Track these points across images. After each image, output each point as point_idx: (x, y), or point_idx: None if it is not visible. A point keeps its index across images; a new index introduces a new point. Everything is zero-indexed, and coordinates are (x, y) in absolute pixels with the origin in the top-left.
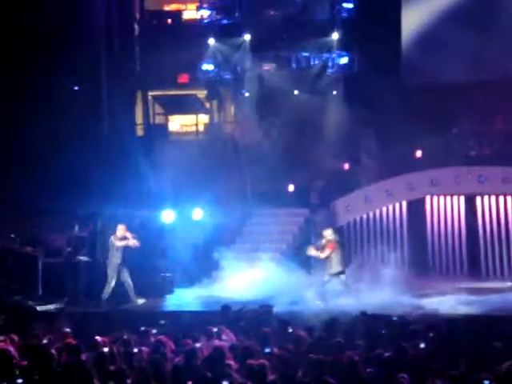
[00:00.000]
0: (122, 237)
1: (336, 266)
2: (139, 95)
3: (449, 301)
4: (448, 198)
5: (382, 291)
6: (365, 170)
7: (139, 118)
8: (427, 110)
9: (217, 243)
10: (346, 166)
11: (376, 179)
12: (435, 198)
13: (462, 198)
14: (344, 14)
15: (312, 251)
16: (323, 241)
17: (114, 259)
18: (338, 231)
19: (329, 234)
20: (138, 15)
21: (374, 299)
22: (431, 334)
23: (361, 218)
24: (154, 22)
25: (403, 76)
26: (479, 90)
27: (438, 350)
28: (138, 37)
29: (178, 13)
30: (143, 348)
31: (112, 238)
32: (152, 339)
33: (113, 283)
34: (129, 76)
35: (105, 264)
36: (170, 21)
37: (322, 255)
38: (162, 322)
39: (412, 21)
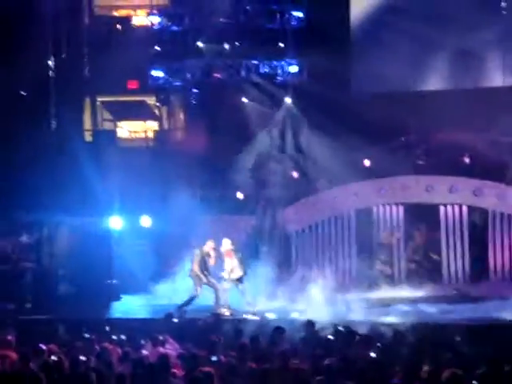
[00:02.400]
0: (206, 253)
1: (236, 272)
2: (87, 101)
3: (395, 310)
4: (394, 207)
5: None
6: (313, 178)
7: (87, 123)
8: (375, 119)
9: (165, 250)
10: (295, 174)
11: (324, 188)
12: (381, 208)
13: (410, 208)
14: (293, 23)
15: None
16: (221, 250)
17: (200, 277)
18: (286, 239)
19: (227, 243)
20: (86, 20)
21: (319, 310)
22: (378, 344)
23: (309, 227)
24: (103, 27)
25: (352, 84)
26: (427, 99)
27: (385, 359)
28: (86, 42)
29: (128, 18)
30: (91, 356)
31: (195, 251)
32: (97, 347)
33: (220, 292)
34: (77, 81)
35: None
36: (119, 26)
37: (228, 266)
38: (108, 328)
39: (361, 30)
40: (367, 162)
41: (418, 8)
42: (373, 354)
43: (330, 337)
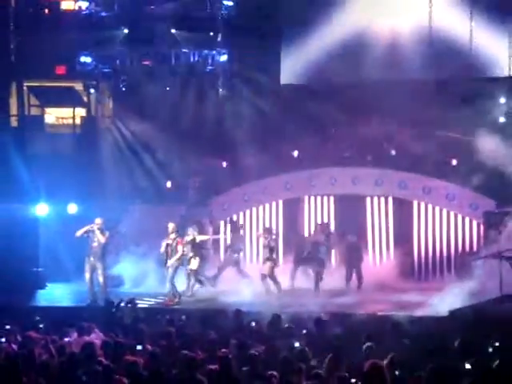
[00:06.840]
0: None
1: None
2: (14, 85)
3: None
4: (324, 197)
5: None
6: (243, 168)
7: (14, 109)
8: (305, 111)
9: None
10: (224, 164)
11: (254, 178)
12: (312, 198)
13: (337, 199)
14: (224, 12)
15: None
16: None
17: None
18: (216, 228)
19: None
20: (13, 2)
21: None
22: (304, 332)
23: (238, 216)
24: (30, 10)
25: (282, 75)
26: (355, 90)
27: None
28: (13, 25)
29: (56, 3)
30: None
31: None
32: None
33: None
34: (3, 65)
35: None
36: (47, 11)
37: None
38: (38, 318)
39: (292, 21)
40: (296, 153)
41: None
42: (296, 344)
43: (253, 324)
